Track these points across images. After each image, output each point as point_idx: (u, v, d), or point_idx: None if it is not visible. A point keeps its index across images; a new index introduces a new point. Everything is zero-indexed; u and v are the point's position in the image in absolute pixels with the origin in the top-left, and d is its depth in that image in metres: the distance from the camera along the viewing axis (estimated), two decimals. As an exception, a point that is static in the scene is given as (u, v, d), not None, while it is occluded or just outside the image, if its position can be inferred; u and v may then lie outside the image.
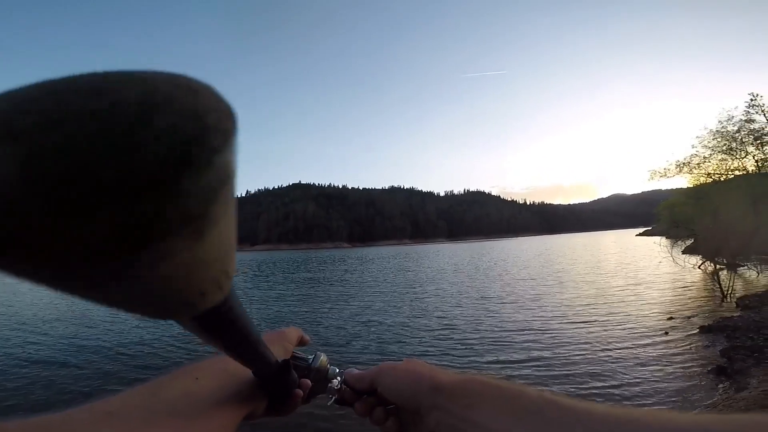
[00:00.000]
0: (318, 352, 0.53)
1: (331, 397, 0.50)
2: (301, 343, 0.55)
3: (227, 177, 0.13)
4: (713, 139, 12.08)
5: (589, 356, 5.99)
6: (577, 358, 5.95)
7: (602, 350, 6.26)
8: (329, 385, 0.50)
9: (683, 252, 15.91)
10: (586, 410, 0.30)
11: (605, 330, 7.42)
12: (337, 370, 0.51)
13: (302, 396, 0.47)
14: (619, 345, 6.50)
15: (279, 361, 0.40)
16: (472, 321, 8.37)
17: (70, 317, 9.97)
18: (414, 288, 14.26)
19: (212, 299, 0.18)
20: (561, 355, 6.08)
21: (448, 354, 6.31)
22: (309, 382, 0.49)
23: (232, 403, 0.38)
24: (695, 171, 12.83)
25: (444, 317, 8.89)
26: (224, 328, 0.24)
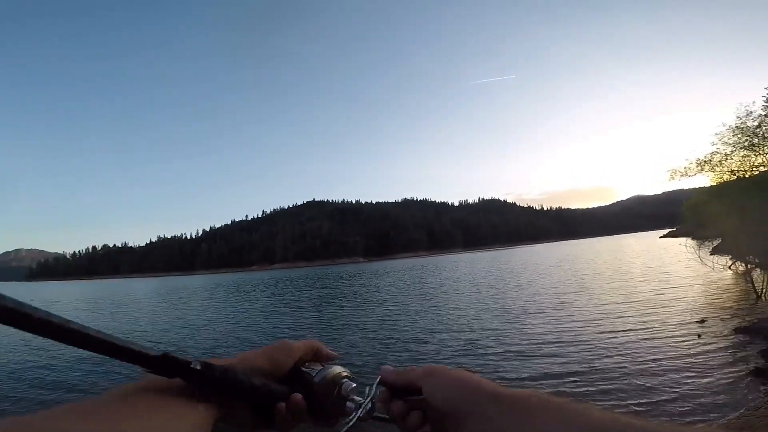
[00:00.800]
0: (328, 365, 0.49)
1: (355, 415, 0.45)
2: (320, 357, 0.51)
3: None
4: (733, 136, 11.80)
5: (622, 365, 5.85)
6: (610, 367, 5.82)
7: (635, 358, 6.10)
8: (348, 404, 0.46)
9: (711, 252, 15.45)
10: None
11: (636, 337, 7.25)
12: (353, 385, 0.48)
13: (287, 410, 0.44)
14: (652, 352, 6.34)
15: (158, 355, 0.36)
16: (497, 334, 8.25)
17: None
18: (433, 301, 14.15)
19: None
20: (593, 365, 5.96)
21: (477, 371, 6.22)
22: (299, 396, 0.45)
23: (204, 404, 0.38)
24: (717, 169, 12.49)
25: (467, 330, 8.79)
26: None
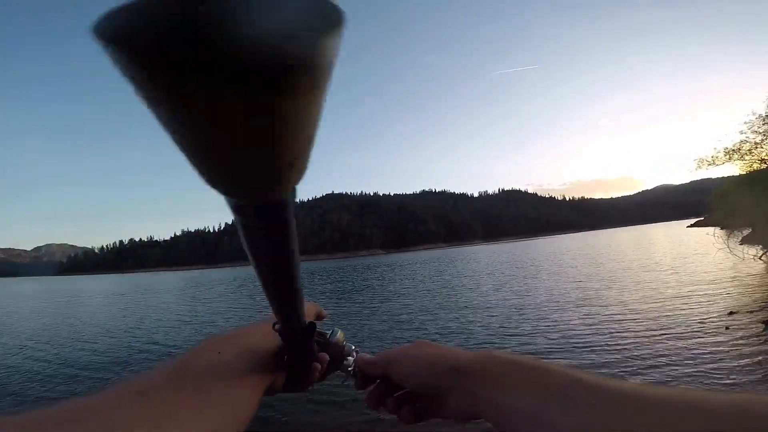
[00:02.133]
0: (335, 328, 0.52)
1: (346, 375, 0.50)
2: (318, 317, 0.53)
3: (322, 61, 0.13)
4: (763, 124, 11.31)
5: (645, 358, 5.71)
6: (632, 359, 5.69)
7: (660, 350, 5.95)
8: (344, 362, 0.50)
9: (741, 242, 14.94)
10: (616, 389, 0.28)
11: (661, 329, 7.05)
12: (353, 347, 0.51)
13: (320, 370, 0.47)
14: (678, 343, 6.16)
15: (307, 323, 0.39)
16: (516, 330, 8.13)
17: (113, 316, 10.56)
18: (449, 295, 14.08)
19: (289, 180, 0.18)
20: (615, 359, 5.83)
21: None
22: (326, 356, 0.48)
23: (253, 376, 0.39)
24: (747, 158, 12.03)
25: (484, 327, 8.70)
26: (281, 240, 0.24)
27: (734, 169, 13.37)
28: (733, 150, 12.16)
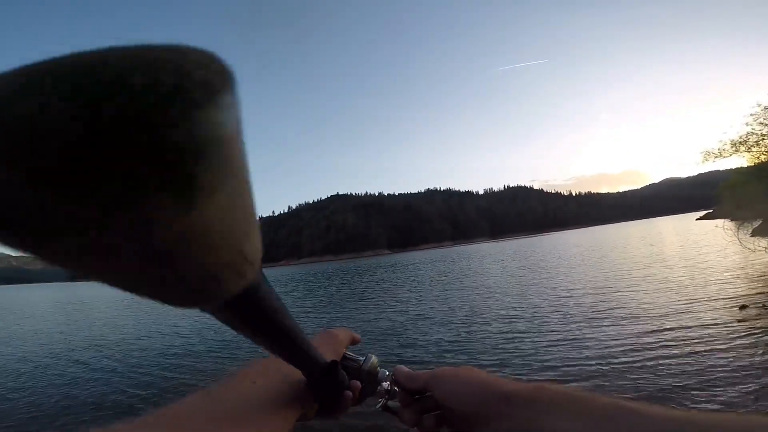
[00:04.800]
0: (369, 354, 0.53)
1: (380, 401, 0.50)
2: (352, 342, 0.54)
3: (217, 138, 0.11)
4: None
5: (657, 354, 5.61)
6: (640, 356, 5.60)
7: (670, 347, 5.84)
8: (378, 387, 0.50)
9: (751, 234, 14.66)
10: (664, 416, 0.29)
11: (672, 324, 6.92)
12: (387, 373, 0.51)
13: (351, 398, 0.47)
14: (689, 340, 6.04)
15: (327, 362, 0.40)
16: (526, 329, 8.03)
17: (129, 331, 10.55)
18: (453, 297, 13.99)
19: (232, 286, 0.17)
20: (622, 355, 5.74)
21: (505, 365, 6.09)
22: (359, 383, 0.48)
23: (286, 405, 0.39)
24: (754, 149, 11.89)
25: (493, 328, 8.62)
26: (257, 321, 0.24)
27: (741, 161, 13.24)
28: (740, 142, 12.04)
